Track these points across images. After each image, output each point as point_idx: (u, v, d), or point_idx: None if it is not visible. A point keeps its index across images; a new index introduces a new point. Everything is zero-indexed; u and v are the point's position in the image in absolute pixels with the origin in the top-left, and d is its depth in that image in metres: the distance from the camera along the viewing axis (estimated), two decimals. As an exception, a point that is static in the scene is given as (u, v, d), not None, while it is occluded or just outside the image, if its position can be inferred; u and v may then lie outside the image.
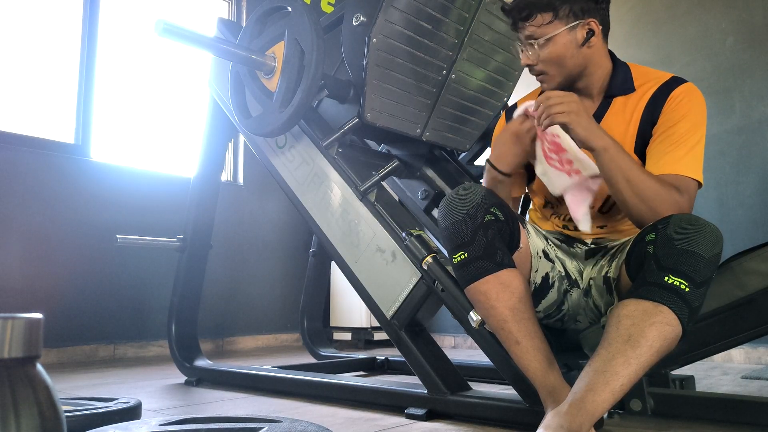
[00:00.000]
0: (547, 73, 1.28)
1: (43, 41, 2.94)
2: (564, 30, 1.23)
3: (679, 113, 1.23)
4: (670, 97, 1.25)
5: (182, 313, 2.19)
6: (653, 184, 1.16)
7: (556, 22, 1.23)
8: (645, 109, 1.28)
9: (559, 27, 1.23)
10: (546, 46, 1.25)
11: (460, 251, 1.17)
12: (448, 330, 3.66)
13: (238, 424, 0.99)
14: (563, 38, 1.24)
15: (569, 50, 1.25)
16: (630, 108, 1.30)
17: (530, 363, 1.13)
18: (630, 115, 1.30)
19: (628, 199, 1.17)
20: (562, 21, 1.23)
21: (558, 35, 1.24)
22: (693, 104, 1.24)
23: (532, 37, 1.25)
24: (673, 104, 1.25)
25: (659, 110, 1.26)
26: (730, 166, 2.75)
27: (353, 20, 1.68)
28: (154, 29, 1.48)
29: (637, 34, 3.09)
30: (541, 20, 1.23)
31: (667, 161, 1.21)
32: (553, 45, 1.24)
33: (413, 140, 1.92)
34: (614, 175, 1.16)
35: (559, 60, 1.26)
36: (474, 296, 1.18)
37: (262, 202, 3.71)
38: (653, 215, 1.15)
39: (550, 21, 1.23)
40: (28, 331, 0.45)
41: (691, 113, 1.23)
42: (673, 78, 1.29)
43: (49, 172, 2.78)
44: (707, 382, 2.03)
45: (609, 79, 1.32)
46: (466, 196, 1.18)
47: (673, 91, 1.25)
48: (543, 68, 1.28)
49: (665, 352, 1.00)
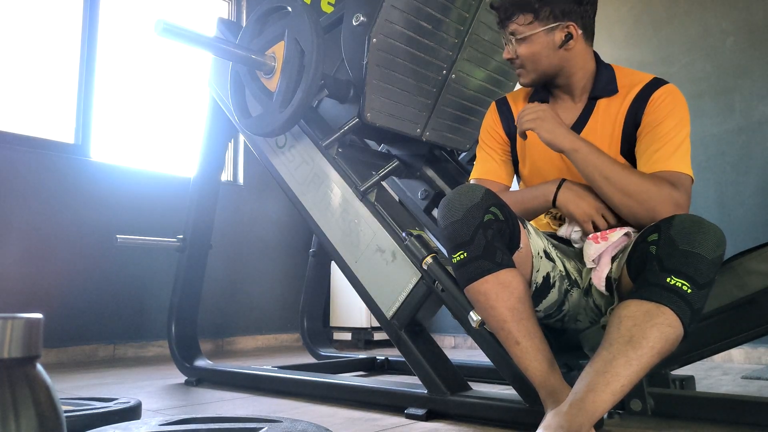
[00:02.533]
0: (524, 68, 1.36)
1: (43, 41, 2.94)
2: (541, 31, 1.30)
3: (663, 113, 1.27)
4: (651, 98, 1.29)
5: (182, 313, 2.19)
6: (636, 180, 1.18)
7: (535, 23, 1.30)
8: (628, 111, 1.32)
9: (537, 28, 1.30)
10: (524, 44, 1.32)
11: (460, 251, 1.17)
12: (448, 330, 3.66)
13: (238, 424, 0.99)
14: (540, 39, 1.31)
15: (545, 50, 1.32)
16: (614, 110, 1.34)
17: (530, 363, 1.13)
18: (614, 117, 1.33)
19: (612, 196, 1.20)
20: (542, 22, 1.30)
21: (535, 35, 1.31)
22: (675, 103, 1.28)
23: (513, 33, 1.33)
24: (654, 105, 1.28)
25: (642, 112, 1.30)
26: (730, 166, 2.75)
27: (353, 20, 1.68)
28: (154, 29, 1.48)
29: (637, 34, 3.09)
30: (523, 20, 1.31)
31: (658, 159, 1.23)
32: (531, 44, 1.32)
33: (413, 140, 1.92)
34: (591, 173, 1.21)
35: (534, 58, 1.33)
36: (473, 296, 1.18)
37: (262, 202, 3.71)
38: (646, 211, 1.17)
39: (530, 21, 1.30)
40: (28, 331, 0.45)
41: (675, 111, 1.27)
42: (655, 79, 1.33)
43: (49, 172, 2.78)
44: (707, 382, 2.03)
45: (593, 81, 1.36)
46: (466, 195, 1.18)
47: (654, 93, 1.29)
48: (521, 63, 1.35)
49: (666, 353, 1.00)
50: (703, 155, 2.78)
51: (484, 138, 1.53)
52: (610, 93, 1.35)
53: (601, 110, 1.35)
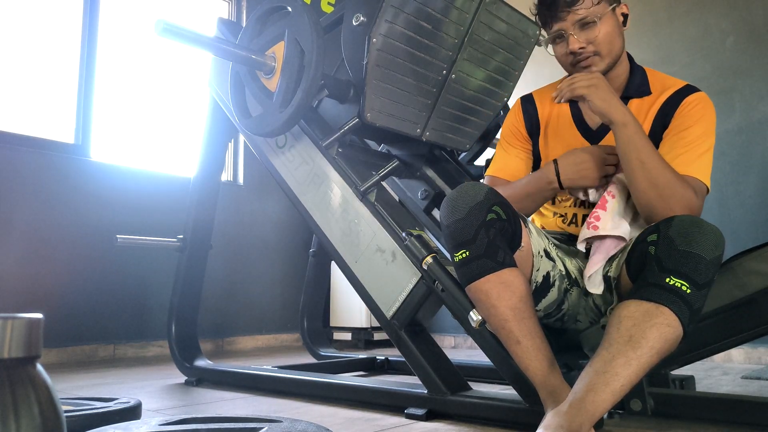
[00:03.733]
0: (599, 54, 1.31)
1: (43, 41, 2.94)
2: (609, 10, 1.30)
3: (693, 118, 1.27)
4: (684, 102, 1.29)
5: (182, 313, 2.19)
6: (667, 173, 1.18)
7: (603, 3, 1.29)
8: (658, 112, 1.31)
9: (606, 8, 1.29)
10: (600, 26, 1.29)
11: (462, 249, 1.17)
12: (448, 330, 3.66)
13: (238, 424, 0.99)
14: (610, 18, 1.30)
15: (616, 29, 1.31)
16: (644, 111, 1.33)
17: (531, 363, 1.13)
18: (644, 118, 1.33)
19: (640, 183, 1.19)
20: (606, 1, 1.30)
21: (607, 15, 1.29)
22: (706, 111, 1.28)
23: (584, 19, 1.28)
24: (686, 109, 1.28)
25: (672, 114, 1.29)
26: (730, 166, 2.75)
27: (353, 20, 1.68)
28: (154, 29, 1.48)
29: (637, 34, 3.09)
30: (591, 1, 1.28)
31: (681, 162, 1.23)
32: (606, 24, 1.29)
33: (413, 140, 1.92)
34: (629, 153, 1.19)
35: (610, 38, 1.31)
36: (475, 295, 1.18)
37: (262, 202, 3.71)
38: (663, 206, 1.17)
39: (598, 2, 1.28)
40: (28, 331, 0.45)
41: (704, 119, 1.27)
42: (688, 85, 1.33)
43: (49, 172, 2.78)
44: (707, 382, 2.03)
45: (627, 80, 1.36)
46: (469, 194, 1.18)
47: (688, 97, 1.29)
48: (595, 48, 1.31)
49: (666, 353, 1.00)
50: (703, 155, 2.78)
51: (505, 135, 1.52)
52: (643, 94, 1.35)
53: (633, 108, 1.34)
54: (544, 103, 1.49)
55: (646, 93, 1.34)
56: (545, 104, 1.48)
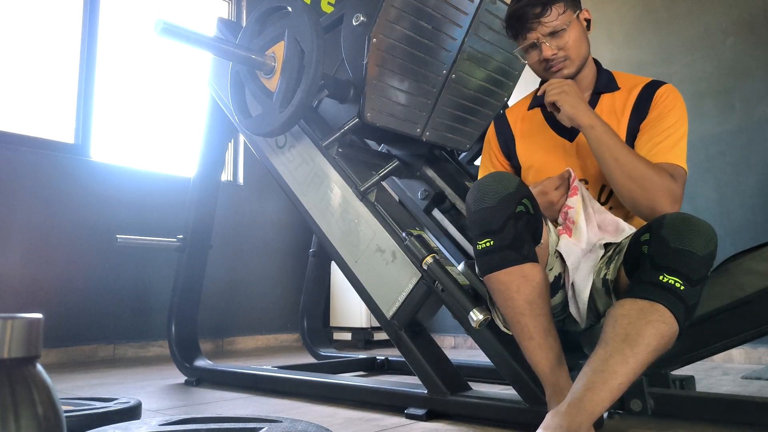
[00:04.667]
0: (569, 59, 1.37)
1: (43, 41, 2.94)
2: (574, 17, 1.36)
3: (667, 107, 1.33)
4: (656, 94, 1.36)
5: (182, 313, 2.19)
6: (641, 165, 1.21)
7: (568, 11, 1.35)
8: (634, 107, 1.37)
9: (572, 15, 1.35)
10: (569, 33, 1.35)
11: (487, 238, 1.16)
12: (448, 330, 3.66)
13: (238, 424, 0.99)
14: (577, 24, 1.37)
15: (582, 34, 1.38)
16: (619, 105, 1.39)
17: (541, 360, 1.13)
18: (621, 111, 1.38)
19: (618, 178, 1.22)
20: (571, 10, 1.35)
21: (573, 21, 1.35)
22: (677, 101, 1.35)
23: (555, 30, 1.35)
24: (660, 100, 1.35)
25: (647, 107, 1.35)
26: (730, 166, 2.75)
27: (353, 20, 1.68)
28: (154, 29, 1.48)
29: (637, 34, 3.09)
30: (557, 12, 1.34)
31: (659, 151, 1.28)
32: (573, 30, 1.36)
33: (413, 140, 1.92)
34: (602, 152, 1.24)
35: (578, 43, 1.37)
36: (493, 285, 1.17)
37: (262, 202, 3.71)
38: (644, 195, 1.20)
39: (564, 11, 1.34)
40: (28, 331, 0.45)
41: (676, 108, 1.33)
42: (655, 80, 1.41)
43: (49, 172, 2.78)
44: (707, 382, 2.03)
45: (595, 79, 1.43)
46: (501, 182, 1.17)
47: (659, 89, 1.36)
48: (566, 53, 1.36)
49: (663, 351, 1.00)
50: (703, 155, 2.78)
51: (486, 150, 1.56)
52: (612, 89, 1.41)
53: (605, 104, 1.40)
54: (516, 116, 1.53)
55: (615, 88, 1.41)
56: (517, 116, 1.52)
